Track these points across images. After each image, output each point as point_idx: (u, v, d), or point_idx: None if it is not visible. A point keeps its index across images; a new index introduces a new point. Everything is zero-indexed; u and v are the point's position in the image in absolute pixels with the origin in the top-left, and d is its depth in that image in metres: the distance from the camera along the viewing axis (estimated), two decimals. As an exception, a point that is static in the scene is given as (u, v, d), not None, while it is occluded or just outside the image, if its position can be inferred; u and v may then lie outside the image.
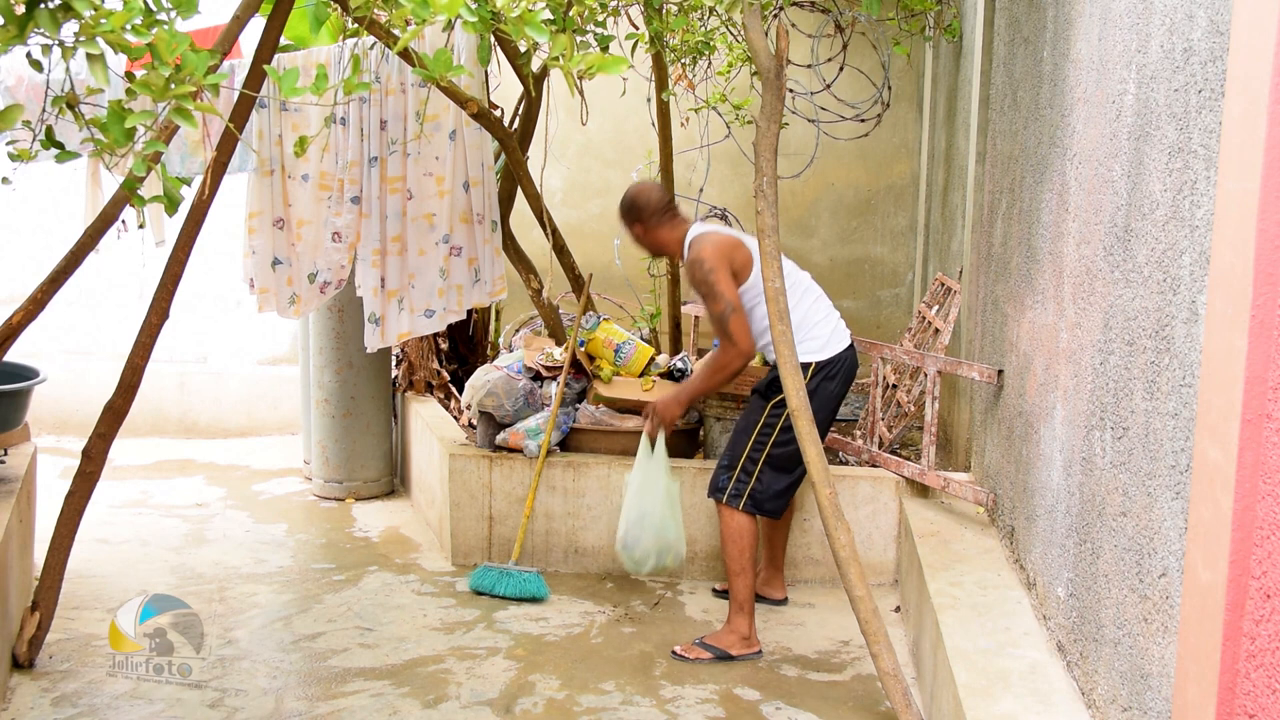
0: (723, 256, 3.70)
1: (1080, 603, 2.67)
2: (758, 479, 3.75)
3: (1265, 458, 1.70)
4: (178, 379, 6.77)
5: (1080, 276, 2.79)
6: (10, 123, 2.22)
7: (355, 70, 2.81)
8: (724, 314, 3.66)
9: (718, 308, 3.66)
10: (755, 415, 3.79)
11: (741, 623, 3.74)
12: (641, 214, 3.90)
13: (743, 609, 3.74)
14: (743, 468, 3.76)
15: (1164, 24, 2.26)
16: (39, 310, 3.45)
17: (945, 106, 5.82)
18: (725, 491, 3.77)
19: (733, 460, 3.78)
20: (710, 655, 3.70)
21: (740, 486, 3.75)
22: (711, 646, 3.72)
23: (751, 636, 3.75)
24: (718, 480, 3.80)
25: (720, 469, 3.81)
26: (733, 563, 3.74)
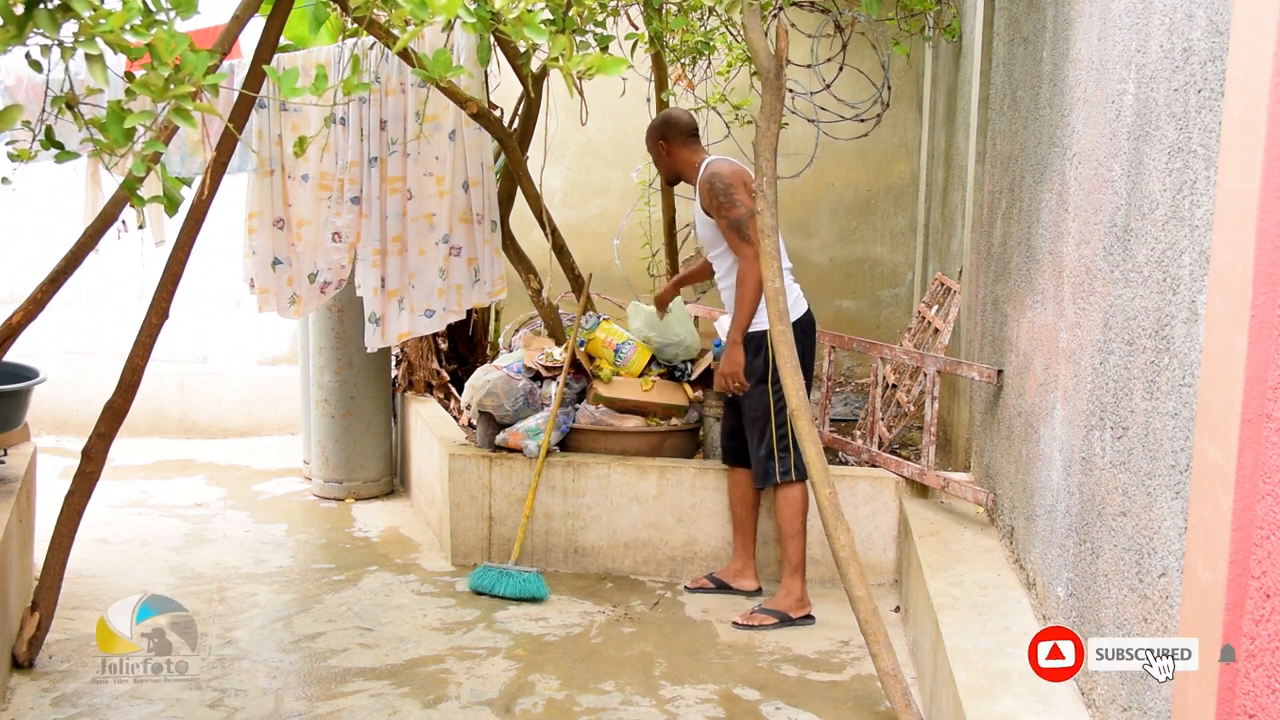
0: (738, 177, 3.94)
1: (1080, 602, 2.67)
2: (794, 448, 3.93)
3: (1265, 457, 1.70)
4: (178, 379, 6.77)
5: (1080, 276, 2.79)
6: (10, 123, 2.22)
7: (355, 70, 2.81)
8: (742, 218, 3.85)
9: (737, 213, 3.87)
10: (764, 400, 3.96)
11: (796, 585, 3.97)
12: (669, 131, 4.14)
13: (796, 571, 3.98)
14: (780, 447, 3.96)
15: (1164, 24, 2.26)
16: (39, 310, 3.45)
17: (945, 106, 5.82)
18: (776, 473, 3.97)
19: (767, 445, 3.97)
20: (774, 620, 3.92)
21: (785, 463, 3.96)
22: (772, 611, 3.95)
23: (805, 598, 3.98)
24: (765, 469, 3.99)
25: (762, 459, 3.99)
26: (788, 526, 3.99)
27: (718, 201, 3.91)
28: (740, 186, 3.90)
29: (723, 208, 3.90)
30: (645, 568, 4.49)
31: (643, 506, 4.47)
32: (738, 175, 3.94)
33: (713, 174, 3.94)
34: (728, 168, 3.96)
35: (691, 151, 4.14)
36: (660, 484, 4.45)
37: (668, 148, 4.14)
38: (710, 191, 3.92)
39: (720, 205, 3.91)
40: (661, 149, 4.15)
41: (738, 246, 3.90)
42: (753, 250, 3.82)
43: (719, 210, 3.92)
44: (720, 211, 3.91)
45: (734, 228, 3.89)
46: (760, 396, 3.98)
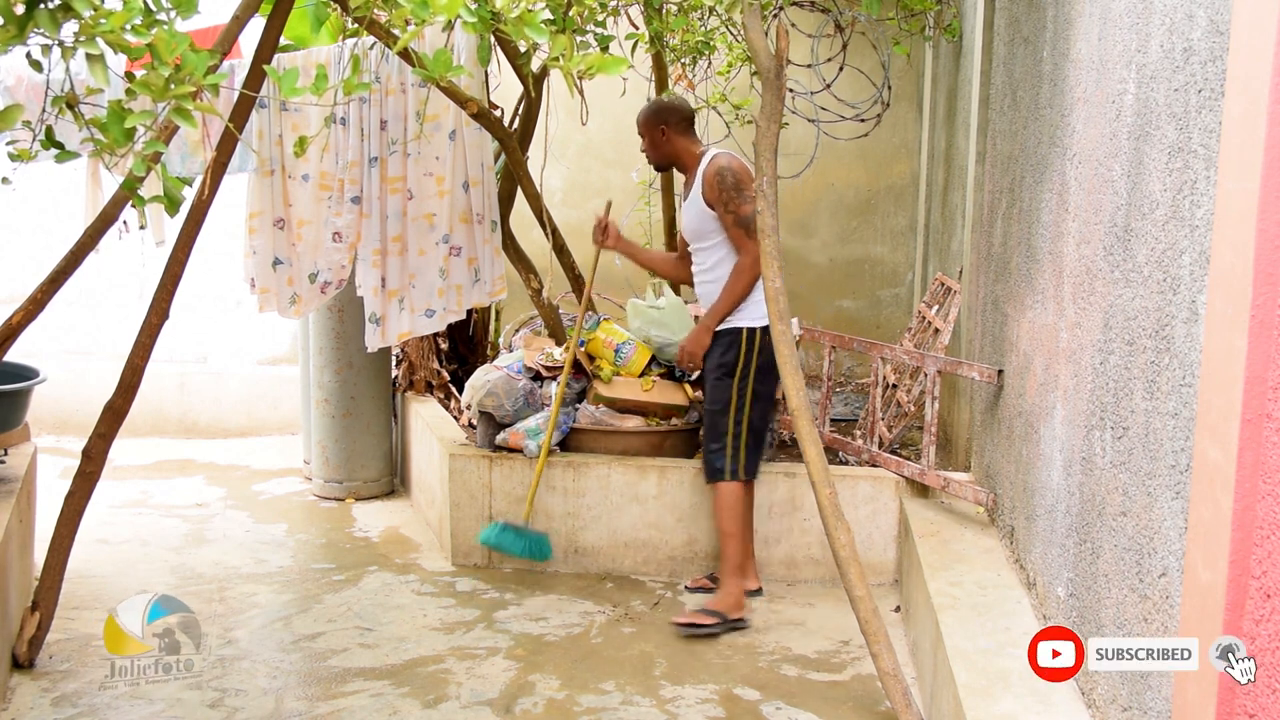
0: (746, 173, 3.93)
1: (1080, 602, 2.67)
2: (746, 451, 3.95)
3: (1265, 457, 1.70)
4: (178, 379, 6.77)
5: (1080, 276, 2.79)
6: (10, 123, 2.22)
7: (355, 70, 2.81)
8: (751, 216, 3.82)
9: (747, 209, 3.86)
10: (726, 393, 3.94)
11: (734, 585, 3.93)
12: (669, 117, 4.09)
13: (735, 572, 3.94)
14: (733, 445, 3.94)
15: (1164, 24, 2.26)
16: (39, 310, 3.45)
17: (945, 106, 5.82)
18: (725, 470, 3.95)
19: (720, 440, 3.96)
20: (714, 619, 3.86)
21: (736, 462, 3.95)
22: (712, 611, 3.89)
23: (742, 600, 3.93)
24: (714, 464, 3.98)
25: (711, 453, 3.99)
26: (725, 525, 3.96)
27: (728, 195, 3.90)
28: (749, 182, 3.88)
29: (732, 202, 3.89)
30: (645, 568, 4.49)
31: (643, 506, 4.47)
32: (746, 171, 3.94)
33: (723, 167, 3.92)
34: (737, 163, 3.96)
35: (691, 141, 4.12)
36: (660, 484, 4.45)
37: (668, 134, 4.10)
38: (721, 185, 3.91)
39: (730, 199, 3.89)
40: (661, 135, 4.10)
41: (743, 242, 3.90)
42: (757, 248, 3.80)
43: (727, 204, 3.90)
44: (729, 206, 3.90)
45: (742, 224, 3.89)
46: (724, 390, 3.96)
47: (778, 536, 4.43)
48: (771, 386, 3.99)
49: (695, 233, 4.05)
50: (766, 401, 4.00)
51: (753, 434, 3.98)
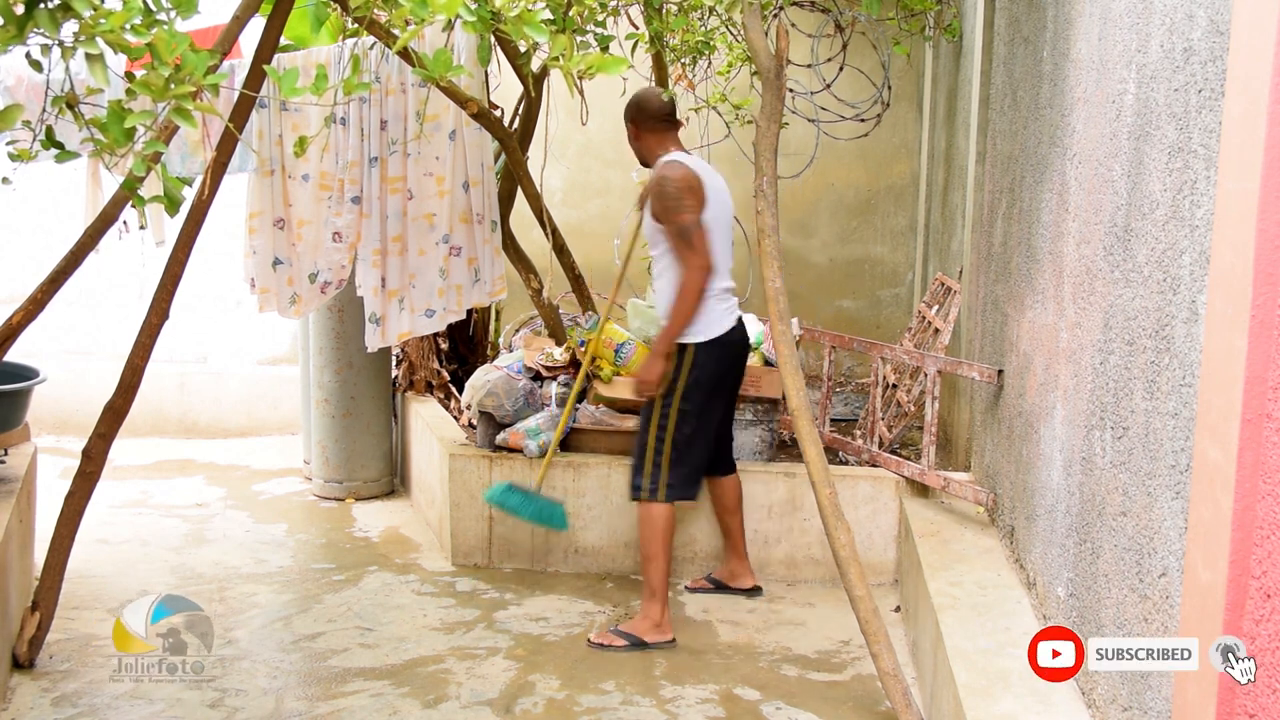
0: (687, 182, 3.73)
1: (1080, 602, 2.67)
2: (670, 469, 3.79)
3: (1265, 457, 1.70)
4: (178, 379, 6.77)
5: (1080, 276, 2.79)
6: (10, 123, 2.22)
7: (355, 70, 2.81)
8: (689, 227, 3.69)
9: (684, 218, 3.68)
10: (650, 410, 3.81)
11: (654, 609, 3.80)
12: (638, 115, 3.94)
13: (654, 595, 3.80)
14: (653, 463, 3.79)
15: (1164, 24, 2.26)
16: (39, 310, 3.45)
17: (945, 106, 5.82)
18: (644, 489, 3.81)
19: (642, 458, 3.82)
20: (625, 642, 3.76)
21: (655, 481, 3.80)
22: (626, 634, 3.79)
23: (664, 624, 3.81)
24: (634, 482, 3.84)
25: (634, 471, 3.85)
26: (647, 547, 3.82)
27: (665, 206, 3.71)
28: (689, 192, 3.70)
29: (669, 212, 3.70)
30: (645, 568, 4.49)
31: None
32: (687, 180, 3.72)
33: (663, 177, 3.74)
34: (678, 171, 3.74)
35: (659, 140, 3.92)
36: (660, 484, 4.45)
37: (636, 131, 3.95)
38: (659, 195, 3.74)
39: (667, 210, 3.71)
40: (630, 131, 3.97)
41: (684, 254, 3.71)
42: (699, 260, 3.67)
43: (665, 215, 3.72)
44: (667, 216, 3.72)
45: (680, 235, 3.70)
46: (649, 405, 3.81)
47: (778, 536, 4.43)
48: (704, 404, 3.80)
49: (649, 239, 3.90)
50: (699, 419, 3.80)
51: (678, 452, 3.78)
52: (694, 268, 3.69)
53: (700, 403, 3.80)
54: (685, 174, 3.75)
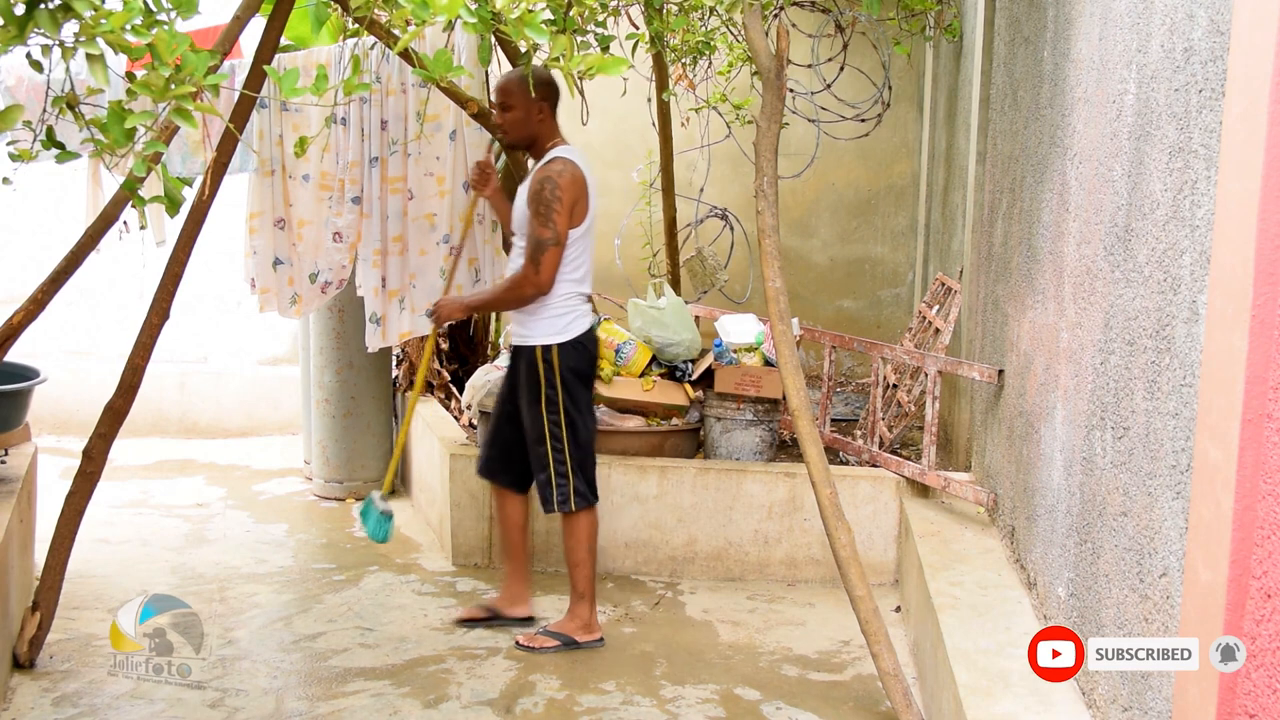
0: (573, 193, 3.60)
1: (1081, 602, 2.67)
2: (575, 475, 3.72)
3: (1266, 457, 1.70)
4: (178, 379, 6.77)
5: (1081, 276, 2.79)
6: (11, 123, 2.22)
7: (355, 70, 2.81)
8: (546, 242, 3.56)
9: (545, 234, 3.56)
10: (539, 423, 3.70)
11: (583, 609, 3.78)
12: (554, 96, 3.73)
13: (584, 597, 3.78)
14: (558, 474, 3.71)
15: (1164, 24, 2.26)
16: (39, 310, 3.45)
17: (945, 106, 5.82)
18: (555, 502, 3.72)
19: (547, 471, 3.72)
20: (556, 643, 3.73)
21: (564, 492, 3.72)
22: (557, 634, 3.76)
23: (592, 623, 3.79)
24: (544, 495, 3.74)
25: (542, 484, 3.74)
26: (574, 554, 3.76)
27: (537, 208, 3.57)
28: (565, 208, 3.57)
29: (537, 218, 3.57)
30: (646, 568, 4.49)
31: (643, 506, 4.47)
32: (573, 190, 3.59)
33: (547, 177, 3.58)
34: (568, 176, 3.59)
35: (553, 129, 3.74)
36: (661, 484, 4.45)
37: (541, 113, 3.68)
38: (538, 195, 3.58)
39: (538, 214, 3.57)
40: (536, 111, 3.66)
41: (526, 261, 3.60)
42: (536, 278, 3.57)
43: (535, 216, 3.58)
44: (534, 220, 3.58)
45: (532, 243, 3.58)
46: (536, 418, 3.70)
47: (778, 536, 4.43)
48: (585, 398, 3.75)
49: (518, 225, 3.73)
50: (587, 413, 3.76)
51: (580, 455, 3.72)
52: (528, 280, 3.59)
53: (580, 396, 3.73)
54: (573, 179, 3.61)
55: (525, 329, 3.72)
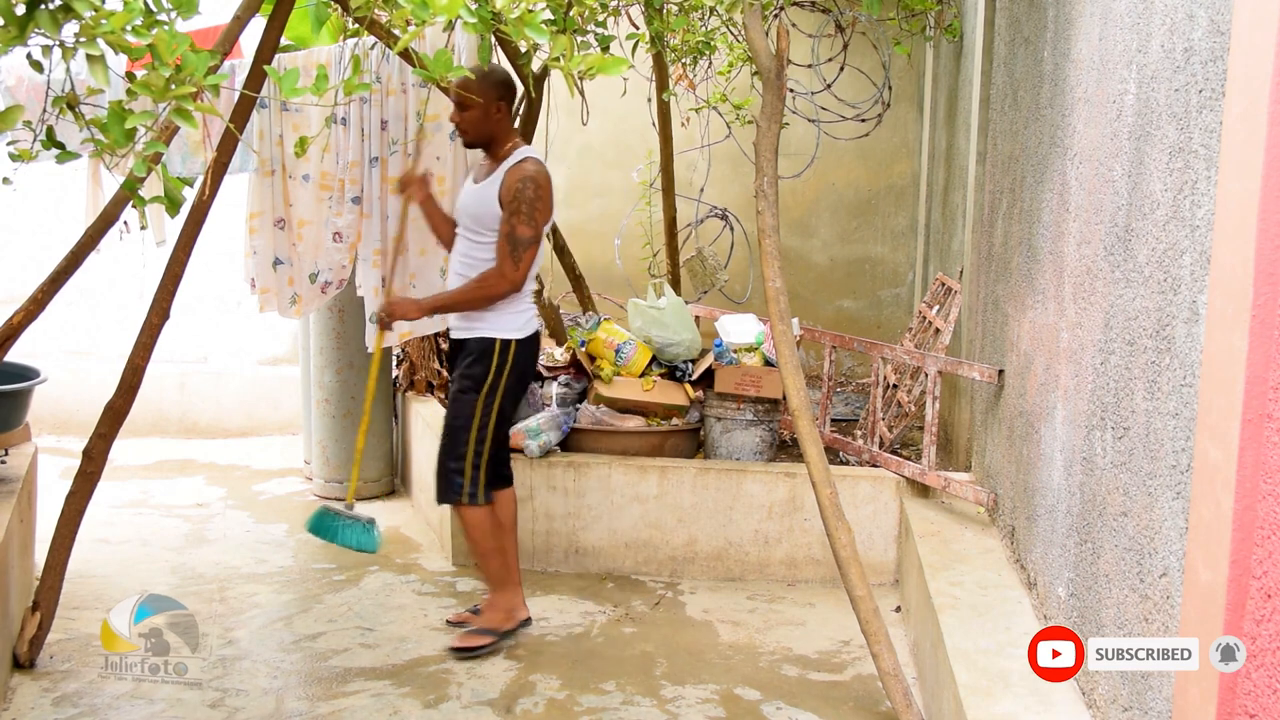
0: (548, 190, 3.62)
1: (1081, 602, 2.67)
2: (485, 469, 3.67)
3: (1266, 457, 1.70)
4: (178, 379, 6.77)
5: (1081, 276, 2.79)
6: (11, 123, 2.22)
7: (356, 70, 2.81)
8: (525, 241, 3.55)
9: (526, 232, 3.55)
10: (469, 408, 3.64)
11: (502, 598, 3.74)
12: (511, 97, 3.71)
13: (501, 585, 3.74)
14: (471, 463, 3.65)
15: (1165, 24, 2.26)
16: (39, 310, 3.45)
17: (946, 106, 5.82)
18: (463, 492, 3.66)
19: (459, 460, 3.65)
20: (489, 639, 3.67)
21: (475, 484, 3.66)
22: (484, 630, 3.70)
23: (516, 607, 3.75)
24: (452, 484, 3.67)
25: (450, 472, 3.66)
26: (480, 546, 3.71)
27: (519, 207, 3.54)
28: (544, 206, 3.59)
29: (518, 216, 3.55)
30: (646, 568, 4.49)
31: (644, 506, 4.47)
32: (549, 190, 3.62)
33: (529, 177, 3.57)
34: (544, 178, 3.61)
35: (511, 129, 3.73)
36: (661, 484, 4.46)
37: (499, 111, 3.65)
38: (519, 195, 3.55)
39: (518, 213, 3.55)
40: (495, 110, 3.64)
41: (504, 258, 3.57)
42: (514, 275, 3.56)
43: (513, 216, 3.55)
44: (514, 219, 3.55)
45: (512, 241, 3.55)
46: (468, 405, 3.64)
47: (778, 536, 4.43)
48: (516, 401, 3.75)
49: (476, 221, 3.67)
50: (509, 418, 3.77)
51: (490, 451, 3.69)
52: (505, 278, 3.57)
53: (515, 399, 3.74)
54: (548, 181, 3.64)
55: (482, 322, 3.65)
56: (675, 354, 4.73)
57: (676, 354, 4.73)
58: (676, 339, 4.69)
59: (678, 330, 4.69)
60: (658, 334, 4.69)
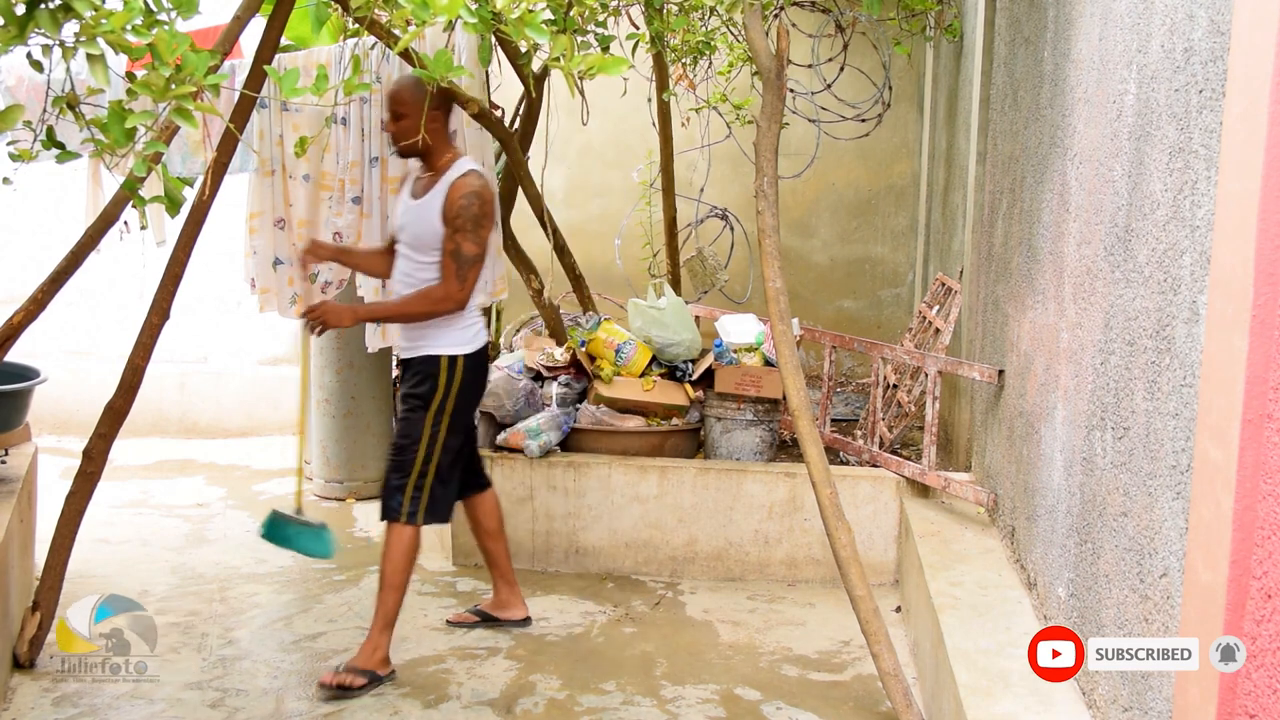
0: (491, 206, 3.51)
1: (1081, 603, 2.67)
2: (431, 490, 3.52)
3: (1266, 458, 1.70)
4: (178, 379, 6.77)
5: (1081, 276, 2.79)
6: (11, 123, 2.22)
7: (356, 70, 2.81)
8: (470, 259, 3.43)
9: (472, 249, 3.43)
10: (418, 428, 3.50)
11: (385, 640, 3.51)
12: (448, 108, 3.54)
13: (387, 627, 3.52)
14: (415, 484, 3.50)
15: (1165, 24, 2.26)
16: (40, 310, 3.45)
17: (946, 106, 5.82)
18: (402, 511, 3.49)
19: (404, 477, 3.50)
20: (364, 680, 3.40)
21: (416, 504, 3.50)
22: (361, 670, 3.42)
23: (388, 656, 3.51)
24: (393, 500, 3.50)
25: (393, 489, 3.51)
26: (393, 575, 3.50)
27: (463, 224, 3.42)
28: (488, 221, 3.48)
29: (463, 233, 3.42)
30: (646, 568, 4.49)
31: (644, 506, 4.47)
32: (493, 204, 3.52)
33: (475, 192, 3.44)
34: (489, 194, 3.49)
35: (449, 140, 3.59)
36: (661, 484, 4.46)
37: (438, 121, 3.51)
38: (464, 211, 3.42)
39: (464, 229, 3.42)
40: (433, 120, 3.47)
41: (449, 275, 3.44)
42: (459, 294, 3.44)
43: (457, 232, 3.42)
44: (458, 235, 3.42)
45: (458, 259, 3.43)
46: (415, 425, 3.50)
47: (779, 536, 4.43)
48: (469, 421, 3.65)
49: (417, 240, 3.52)
50: (461, 439, 3.61)
51: (440, 476, 3.53)
52: (451, 298, 3.45)
53: (467, 416, 3.62)
54: (492, 196, 3.54)
55: (427, 340, 3.53)
56: (675, 354, 4.73)
57: (676, 354, 4.73)
58: (676, 339, 4.69)
59: (678, 330, 4.69)
60: (658, 334, 4.69)
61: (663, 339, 4.69)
